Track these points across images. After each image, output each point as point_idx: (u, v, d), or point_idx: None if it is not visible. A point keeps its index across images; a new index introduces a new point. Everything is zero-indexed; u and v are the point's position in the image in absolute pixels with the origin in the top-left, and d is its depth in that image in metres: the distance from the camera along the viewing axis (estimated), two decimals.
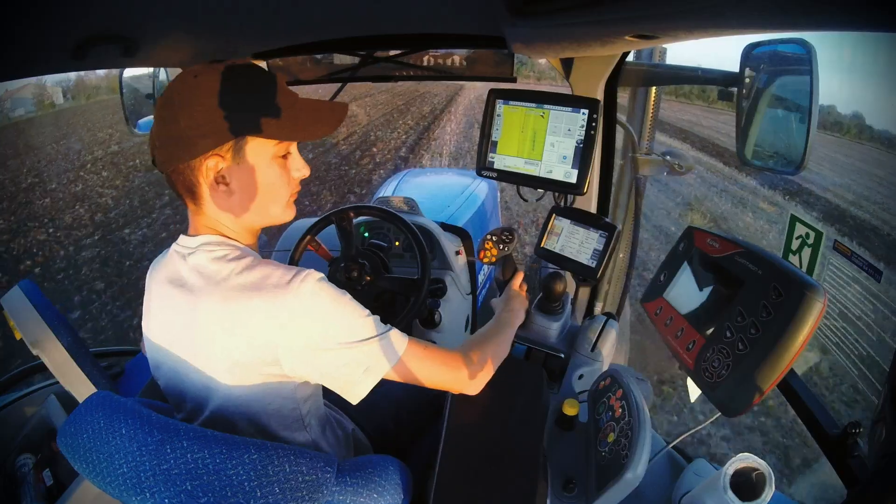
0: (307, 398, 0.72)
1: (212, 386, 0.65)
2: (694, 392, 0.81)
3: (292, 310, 0.61)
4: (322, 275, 0.65)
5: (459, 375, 0.72)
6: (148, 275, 0.75)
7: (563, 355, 1.03)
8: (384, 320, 0.68)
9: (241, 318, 0.61)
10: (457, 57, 1.43)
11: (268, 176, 0.68)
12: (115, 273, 3.94)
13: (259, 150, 0.66)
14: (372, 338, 0.65)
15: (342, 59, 1.47)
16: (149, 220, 5.11)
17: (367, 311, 0.67)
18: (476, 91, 17.41)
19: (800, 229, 0.91)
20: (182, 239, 0.71)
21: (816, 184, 7.88)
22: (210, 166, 0.65)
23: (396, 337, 0.67)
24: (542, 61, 1.26)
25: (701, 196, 6.75)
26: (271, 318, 0.61)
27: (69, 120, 13.27)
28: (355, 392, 0.65)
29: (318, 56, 1.47)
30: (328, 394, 0.71)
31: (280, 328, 0.61)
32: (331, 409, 0.88)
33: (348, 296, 0.66)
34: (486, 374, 0.76)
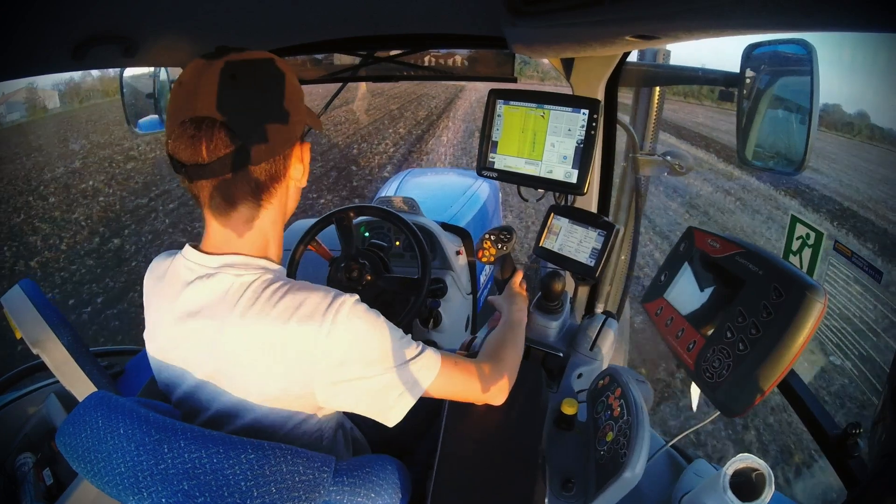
0: (329, 419, 0.71)
1: (237, 411, 0.62)
2: (697, 400, 0.81)
3: (328, 344, 0.59)
4: (356, 297, 0.62)
5: (487, 387, 0.71)
6: (149, 285, 0.70)
7: (561, 354, 1.03)
8: None
9: (274, 353, 0.59)
10: (458, 57, 1.43)
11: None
12: None
13: None
14: (407, 361, 0.63)
15: (342, 59, 1.47)
16: (63, 276, 4.05)
17: (401, 332, 0.65)
18: (477, 93, 16.27)
19: (800, 230, 0.90)
20: (193, 254, 0.64)
21: (855, 200, 7.25)
22: (305, 151, 0.65)
23: (431, 357, 0.66)
24: (545, 61, 1.26)
25: (748, 227, 5.82)
26: (306, 352, 0.59)
27: (53, 128, 12.39)
28: (391, 416, 0.64)
29: (318, 56, 1.47)
30: None
31: (316, 363, 0.59)
32: None
33: (383, 318, 0.64)
34: (510, 384, 0.75)
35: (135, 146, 9.15)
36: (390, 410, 0.63)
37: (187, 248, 0.66)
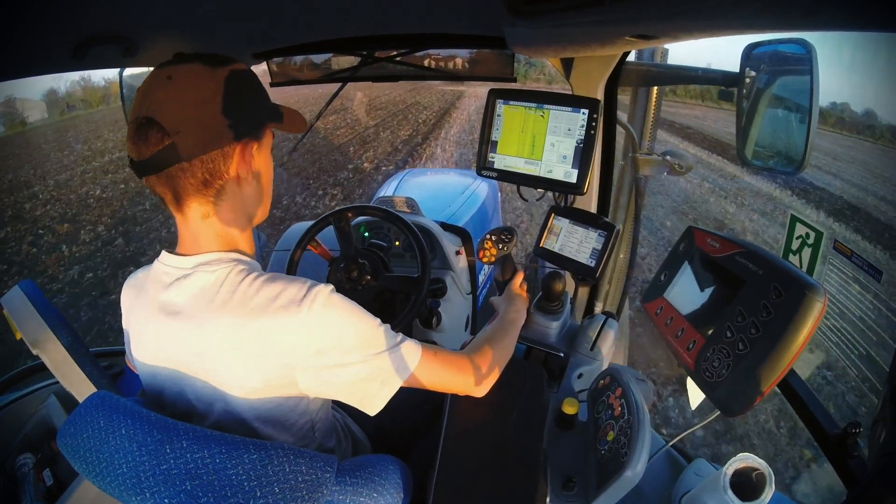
0: (319, 409, 0.72)
1: (226, 410, 0.63)
2: (695, 398, 0.81)
3: (306, 332, 0.60)
4: (332, 287, 0.64)
5: (468, 379, 0.72)
6: (129, 295, 0.72)
7: (562, 354, 1.03)
8: (384, 320, 0.68)
9: (254, 344, 0.60)
10: (458, 58, 1.43)
11: (271, 165, 0.72)
12: None
13: (268, 140, 0.70)
14: (386, 350, 0.64)
15: (342, 59, 1.47)
16: None
17: (379, 321, 0.66)
18: (478, 101, 13.95)
19: (800, 229, 0.91)
20: (170, 259, 0.66)
21: None
22: (248, 151, 0.66)
23: (410, 346, 0.67)
24: (550, 64, 1.26)
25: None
26: (285, 343, 0.60)
27: (13, 149, 11.22)
28: (373, 405, 0.65)
29: (317, 57, 1.47)
30: None
31: (295, 351, 0.60)
32: (331, 408, 0.88)
33: (360, 307, 0.65)
34: (493, 377, 0.76)
35: (44, 189, 7.34)
36: (372, 399, 0.64)
37: (164, 254, 0.68)
